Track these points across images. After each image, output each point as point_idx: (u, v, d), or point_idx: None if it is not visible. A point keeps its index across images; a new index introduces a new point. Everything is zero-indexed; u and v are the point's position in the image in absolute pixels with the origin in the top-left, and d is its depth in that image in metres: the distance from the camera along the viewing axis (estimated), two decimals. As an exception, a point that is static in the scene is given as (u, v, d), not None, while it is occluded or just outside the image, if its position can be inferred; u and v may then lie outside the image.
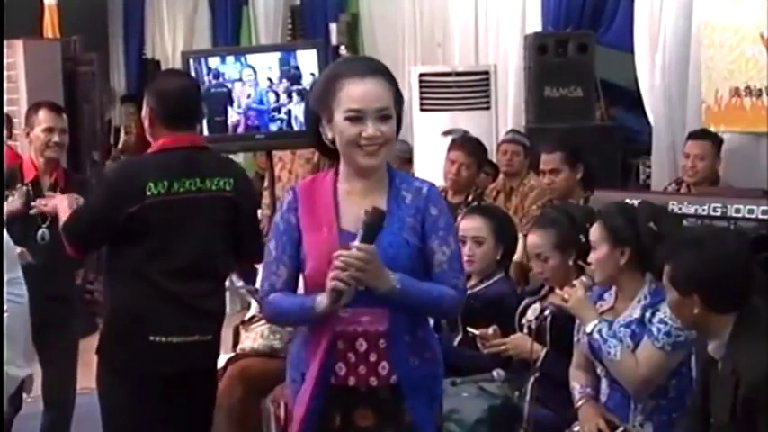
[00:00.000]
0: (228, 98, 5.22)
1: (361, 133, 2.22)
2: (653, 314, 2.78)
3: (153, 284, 2.99)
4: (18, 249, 3.01)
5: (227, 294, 3.47)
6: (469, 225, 3.53)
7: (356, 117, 2.22)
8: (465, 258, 3.10)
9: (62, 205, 3.33)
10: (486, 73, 5.98)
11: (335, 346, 2.26)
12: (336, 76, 2.27)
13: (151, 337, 2.98)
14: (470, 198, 4.75)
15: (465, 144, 4.92)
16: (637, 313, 2.85)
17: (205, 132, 5.26)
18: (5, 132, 5.46)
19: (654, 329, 2.76)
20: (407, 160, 5.70)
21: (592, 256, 2.94)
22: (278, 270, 2.32)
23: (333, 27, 7.90)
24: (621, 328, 2.85)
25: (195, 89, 3.26)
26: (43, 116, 4.02)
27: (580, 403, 2.92)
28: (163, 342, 2.98)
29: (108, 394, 3.09)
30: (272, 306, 2.34)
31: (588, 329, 2.83)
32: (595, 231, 2.92)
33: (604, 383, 2.93)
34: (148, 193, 2.97)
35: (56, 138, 4.00)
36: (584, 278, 3.02)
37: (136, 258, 3.01)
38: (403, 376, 2.30)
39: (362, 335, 2.26)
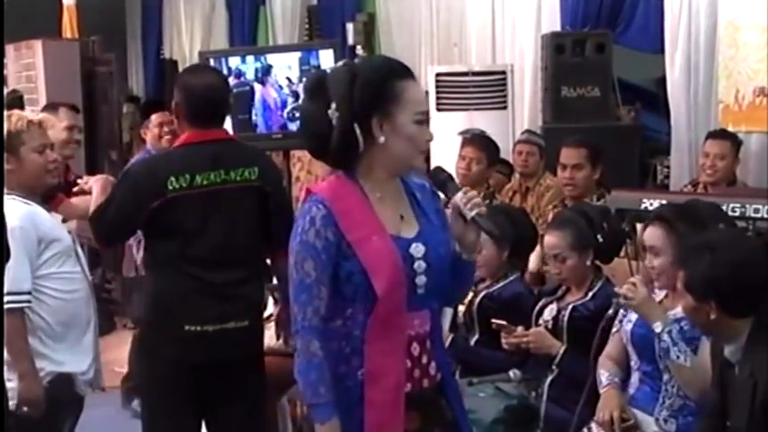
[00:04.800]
0: (251, 97, 5.24)
1: (426, 137, 2.21)
2: None
3: (185, 275, 3.03)
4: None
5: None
6: None
7: (422, 120, 2.19)
8: None
9: (97, 186, 3.35)
10: (503, 73, 5.97)
11: None
12: (389, 76, 2.17)
13: (186, 327, 3.02)
14: (482, 195, 4.72)
15: (474, 140, 4.90)
16: None
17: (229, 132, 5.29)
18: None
19: None
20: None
21: (654, 262, 2.88)
22: (320, 293, 2.18)
23: (349, 27, 7.91)
24: (671, 322, 2.82)
25: (223, 86, 3.25)
26: (64, 115, 4.30)
27: (605, 389, 2.93)
28: (198, 331, 3.02)
29: (148, 384, 3.16)
30: (310, 366, 2.16)
31: (658, 330, 2.78)
32: (657, 237, 2.86)
33: (635, 376, 2.93)
34: (170, 188, 3.01)
35: (76, 135, 4.34)
36: (638, 276, 2.97)
37: (166, 251, 3.06)
38: (444, 373, 2.31)
39: (416, 338, 2.23)
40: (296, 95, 5.28)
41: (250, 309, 3.15)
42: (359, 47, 7.83)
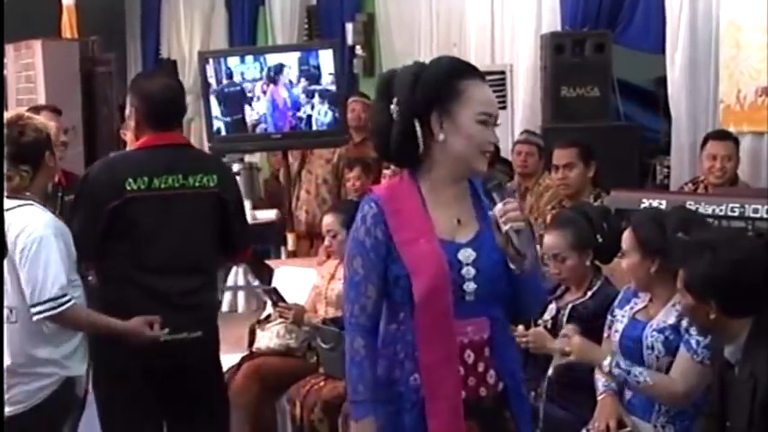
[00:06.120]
0: (242, 97, 5.23)
1: (488, 139, 2.20)
2: (690, 323, 2.73)
3: (138, 284, 3.01)
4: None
5: (243, 294, 3.46)
6: None
7: (485, 121, 2.18)
8: None
9: None
10: (503, 73, 5.97)
11: None
12: (455, 73, 2.18)
13: None
14: None
15: None
16: (672, 319, 2.82)
17: (223, 132, 5.28)
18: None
19: (693, 342, 2.74)
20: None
21: (623, 263, 2.94)
22: (367, 291, 2.19)
23: (349, 27, 7.90)
24: (654, 333, 2.84)
25: (178, 88, 3.27)
26: (45, 118, 4.25)
27: (601, 397, 2.93)
28: None
29: (104, 394, 3.11)
30: (352, 363, 2.19)
31: (606, 369, 2.78)
32: (626, 240, 2.91)
33: None
34: (128, 188, 2.99)
35: (62, 137, 4.31)
36: (570, 326, 3.01)
37: (120, 257, 3.02)
38: (509, 383, 2.26)
39: (469, 345, 2.19)
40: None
41: (204, 319, 3.11)
42: (358, 47, 7.82)
